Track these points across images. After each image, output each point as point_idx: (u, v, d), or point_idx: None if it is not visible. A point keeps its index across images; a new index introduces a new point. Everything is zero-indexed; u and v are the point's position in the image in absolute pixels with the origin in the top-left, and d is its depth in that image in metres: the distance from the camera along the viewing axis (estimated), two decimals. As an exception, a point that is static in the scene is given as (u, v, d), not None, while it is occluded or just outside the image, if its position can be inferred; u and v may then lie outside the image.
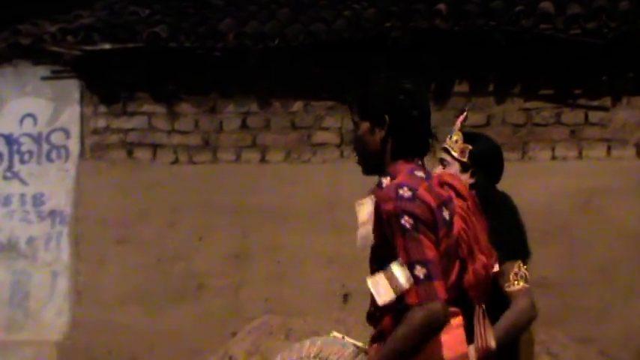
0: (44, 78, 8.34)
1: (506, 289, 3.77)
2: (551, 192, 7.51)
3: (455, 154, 3.92)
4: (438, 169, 3.96)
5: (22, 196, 8.34)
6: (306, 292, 7.66)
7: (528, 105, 7.75)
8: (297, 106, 8.03)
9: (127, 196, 8.14)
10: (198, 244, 8.02)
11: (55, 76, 8.32)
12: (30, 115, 8.39)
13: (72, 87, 8.32)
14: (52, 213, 8.27)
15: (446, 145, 3.96)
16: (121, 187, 8.17)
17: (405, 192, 2.91)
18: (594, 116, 7.68)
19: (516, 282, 3.78)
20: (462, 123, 3.99)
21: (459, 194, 3.08)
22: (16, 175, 8.39)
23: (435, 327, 2.86)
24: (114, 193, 8.15)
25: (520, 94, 7.76)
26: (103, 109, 8.32)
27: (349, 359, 3.19)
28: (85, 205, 8.20)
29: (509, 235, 3.80)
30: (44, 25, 8.41)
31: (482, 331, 3.67)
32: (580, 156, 7.70)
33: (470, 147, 3.91)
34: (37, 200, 8.30)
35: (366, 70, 7.66)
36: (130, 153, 8.27)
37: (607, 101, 7.66)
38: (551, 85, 7.72)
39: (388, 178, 3.02)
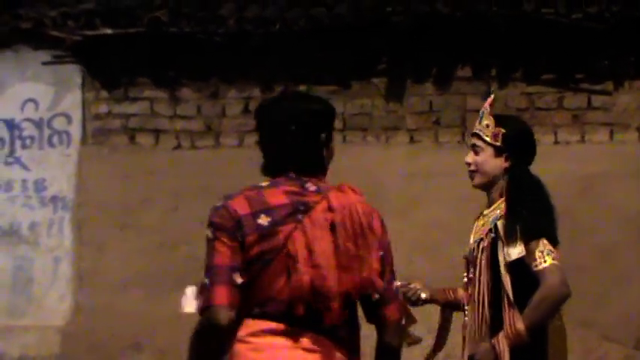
0: (45, 63, 8.31)
1: (534, 269, 3.66)
2: (553, 176, 7.38)
3: (487, 138, 3.77)
4: (470, 157, 3.84)
5: (24, 181, 8.32)
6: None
7: (530, 89, 7.74)
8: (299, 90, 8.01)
9: (129, 181, 8.13)
10: (200, 230, 7.96)
11: (56, 61, 8.28)
12: (31, 100, 8.37)
13: (73, 72, 8.29)
14: (54, 198, 8.25)
15: (476, 131, 3.82)
16: (123, 173, 8.15)
17: (218, 203, 3.01)
18: (597, 100, 7.67)
19: (543, 260, 3.67)
20: (491, 106, 3.86)
21: (330, 207, 3.00)
22: (17, 161, 8.37)
23: (208, 332, 2.78)
24: (116, 179, 8.14)
25: (522, 78, 7.74)
26: (104, 94, 8.29)
27: None
28: (87, 191, 8.19)
29: (532, 216, 3.71)
30: (45, 10, 8.37)
31: (509, 319, 3.58)
32: (582, 140, 7.69)
33: (503, 130, 3.78)
34: (39, 186, 8.29)
35: (368, 54, 7.68)
36: (132, 138, 8.25)
37: (609, 85, 7.65)
38: (553, 70, 7.71)
39: None
